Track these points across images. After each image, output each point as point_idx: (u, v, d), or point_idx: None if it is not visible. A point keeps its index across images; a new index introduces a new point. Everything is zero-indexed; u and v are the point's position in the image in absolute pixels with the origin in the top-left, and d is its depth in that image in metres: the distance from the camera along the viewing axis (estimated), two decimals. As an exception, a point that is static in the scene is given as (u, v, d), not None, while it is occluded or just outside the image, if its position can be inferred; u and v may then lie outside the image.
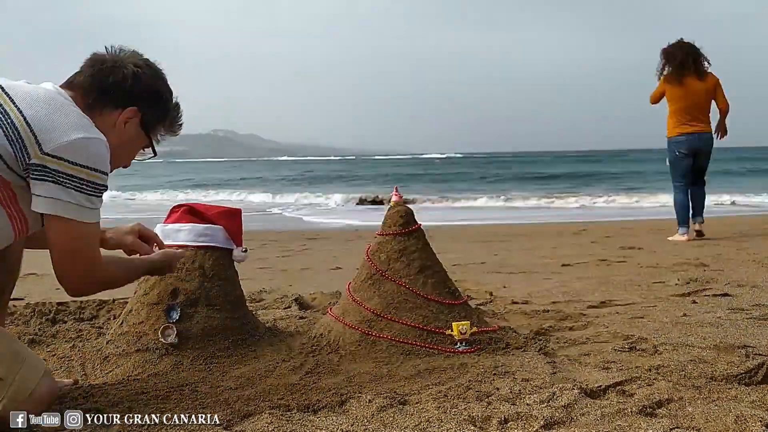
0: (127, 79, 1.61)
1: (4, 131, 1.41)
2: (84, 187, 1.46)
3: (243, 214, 2.27)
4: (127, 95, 1.62)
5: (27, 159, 1.41)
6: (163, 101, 1.72)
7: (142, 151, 1.76)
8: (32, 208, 1.48)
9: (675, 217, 5.82)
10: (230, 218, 2.21)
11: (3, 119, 1.42)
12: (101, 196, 1.51)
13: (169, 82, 1.74)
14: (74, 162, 1.44)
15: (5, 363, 1.43)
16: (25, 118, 1.43)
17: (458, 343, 2.00)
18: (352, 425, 1.43)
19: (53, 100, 1.49)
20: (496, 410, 1.47)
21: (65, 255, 1.52)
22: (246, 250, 2.20)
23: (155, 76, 1.70)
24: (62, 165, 1.43)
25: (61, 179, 1.43)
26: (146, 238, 1.88)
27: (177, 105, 1.78)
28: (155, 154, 1.78)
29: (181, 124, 1.81)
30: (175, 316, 2.04)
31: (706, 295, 2.99)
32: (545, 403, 1.50)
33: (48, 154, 1.42)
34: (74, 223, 1.48)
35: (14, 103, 1.45)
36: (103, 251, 1.65)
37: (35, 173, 1.43)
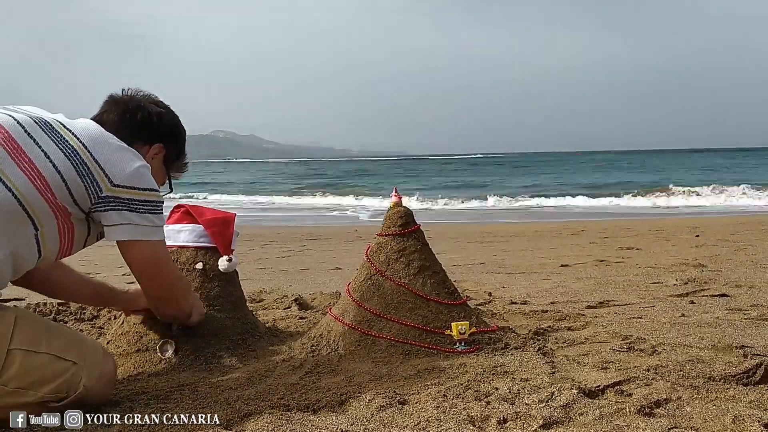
0: (153, 118, 1.74)
1: (75, 167, 1.49)
2: (153, 207, 1.59)
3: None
4: (155, 132, 1.75)
5: (99, 192, 1.51)
6: (182, 139, 1.86)
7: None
8: (108, 238, 1.60)
9: None
10: (221, 226, 2.14)
11: (73, 155, 1.50)
12: (162, 211, 1.65)
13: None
14: (143, 188, 1.57)
15: (74, 348, 1.51)
16: (91, 154, 1.52)
17: (457, 343, 2.01)
18: (351, 425, 1.44)
19: (105, 136, 1.59)
20: (495, 410, 1.48)
21: (154, 274, 1.69)
22: (231, 260, 2.13)
23: (174, 115, 1.83)
24: (134, 193, 1.55)
25: (135, 206, 1.55)
26: None
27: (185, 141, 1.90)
28: (172, 189, 1.90)
29: (187, 164, 1.94)
30: (174, 330, 2.02)
31: (704, 296, 2.99)
32: (544, 403, 1.51)
33: (119, 186, 1.53)
34: (153, 243, 1.62)
35: (79, 140, 1.54)
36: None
37: (109, 204, 1.53)
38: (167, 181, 1.86)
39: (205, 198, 21.28)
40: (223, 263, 2.12)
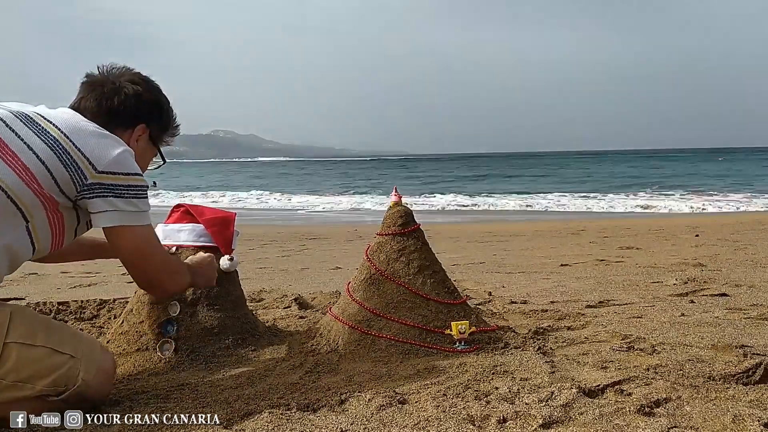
0: (130, 99, 1.72)
1: (58, 157, 1.50)
2: (138, 192, 1.59)
3: None
4: (134, 114, 1.73)
5: (84, 180, 1.52)
6: (165, 112, 1.83)
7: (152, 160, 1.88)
8: (95, 225, 1.59)
9: None
10: (221, 225, 2.14)
11: (55, 146, 1.51)
12: (147, 196, 1.65)
13: (163, 91, 1.83)
14: (126, 173, 1.56)
15: (71, 342, 1.53)
16: (73, 143, 1.53)
17: (457, 343, 2.01)
18: (351, 424, 1.44)
19: (85, 123, 1.60)
20: (494, 409, 1.48)
21: (141, 260, 1.65)
22: (233, 259, 2.14)
23: (153, 89, 1.80)
24: (118, 178, 1.55)
25: (120, 191, 1.55)
26: None
27: (172, 109, 1.88)
28: (165, 161, 1.90)
29: (178, 126, 1.91)
30: (172, 331, 2.03)
31: (704, 295, 3.00)
32: (544, 403, 1.51)
33: (103, 172, 1.53)
34: (138, 228, 1.61)
35: (60, 130, 1.54)
36: None
37: (94, 192, 1.53)
38: (159, 154, 1.86)
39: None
40: (224, 262, 2.12)
